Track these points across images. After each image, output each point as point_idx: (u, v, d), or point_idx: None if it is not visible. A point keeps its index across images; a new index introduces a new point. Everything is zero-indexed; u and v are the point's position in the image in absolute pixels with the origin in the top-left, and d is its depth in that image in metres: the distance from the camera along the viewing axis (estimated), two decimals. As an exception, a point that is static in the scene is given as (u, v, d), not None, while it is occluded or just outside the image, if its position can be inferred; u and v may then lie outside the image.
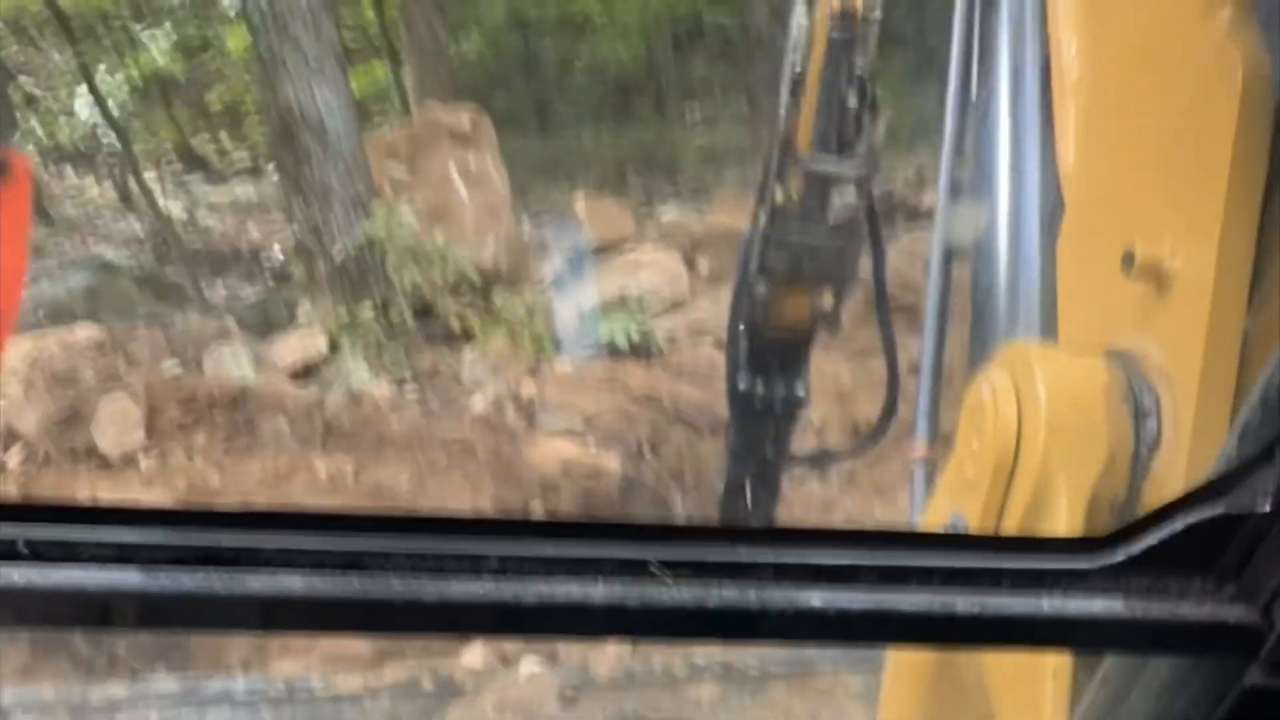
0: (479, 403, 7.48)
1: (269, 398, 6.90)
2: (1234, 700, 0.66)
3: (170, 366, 7.08)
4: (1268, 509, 0.63)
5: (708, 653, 5.27)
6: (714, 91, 14.71)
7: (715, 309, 8.92)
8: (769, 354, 2.69)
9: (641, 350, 7.95)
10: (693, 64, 15.06)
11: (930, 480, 1.86)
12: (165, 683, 5.36)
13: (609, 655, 5.40)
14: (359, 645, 5.37)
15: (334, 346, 7.79)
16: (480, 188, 8.88)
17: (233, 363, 7.13)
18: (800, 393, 2.76)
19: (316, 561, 0.58)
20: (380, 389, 7.44)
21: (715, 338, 8.42)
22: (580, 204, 10.00)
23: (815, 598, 0.61)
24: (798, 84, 2.34)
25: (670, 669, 5.36)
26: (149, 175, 12.30)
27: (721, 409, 8.25)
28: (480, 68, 14.46)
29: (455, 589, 0.58)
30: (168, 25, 13.38)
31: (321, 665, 5.42)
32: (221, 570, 0.57)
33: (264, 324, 8.69)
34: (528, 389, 7.57)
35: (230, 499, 6.08)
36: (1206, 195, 0.99)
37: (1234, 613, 0.63)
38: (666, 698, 5.32)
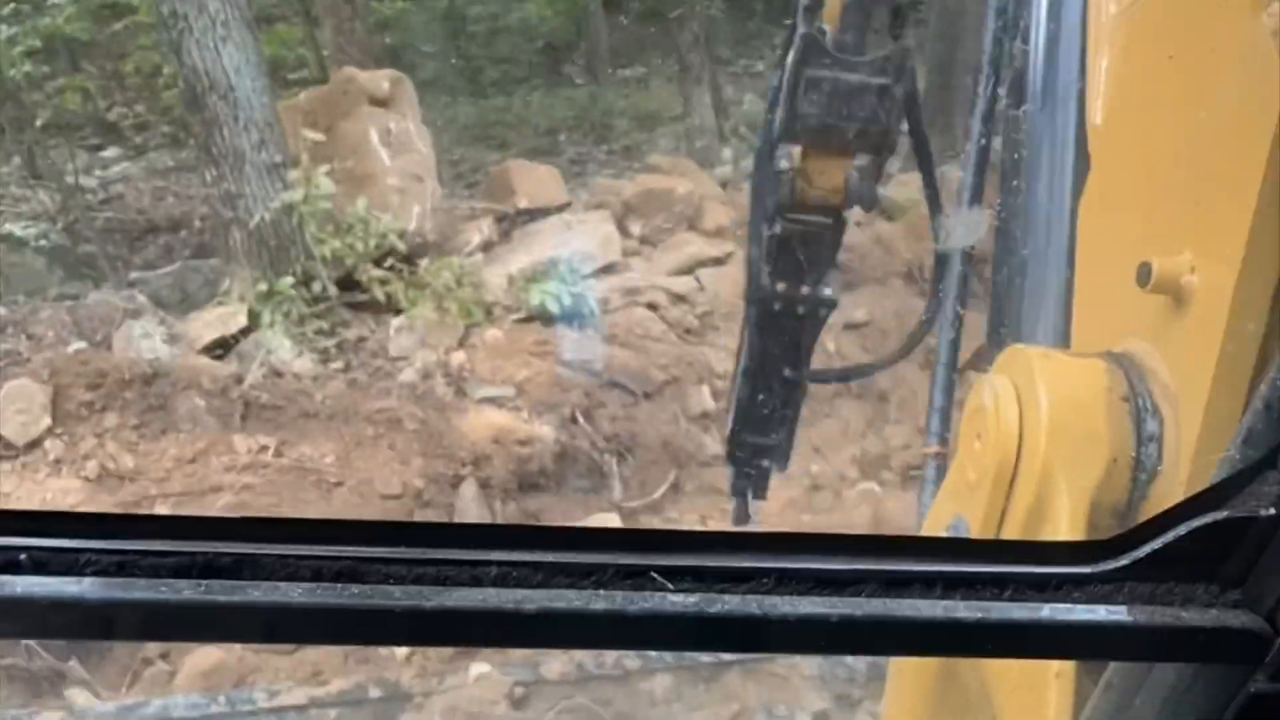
0: (407, 373, 7.29)
1: (184, 375, 6.63)
2: (1239, 706, 0.66)
3: (78, 346, 6.77)
4: (1272, 514, 0.62)
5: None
6: (645, 52, 14.49)
7: (648, 271, 8.80)
8: (795, 241, 2.42)
9: (573, 315, 7.81)
10: (623, 24, 14.81)
11: (940, 478, 1.85)
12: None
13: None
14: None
15: (254, 320, 7.52)
16: (402, 153, 8.61)
17: (144, 340, 6.83)
18: (828, 291, 2.50)
19: (317, 571, 0.59)
20: (303, 363, 7.21)
21: (648, 300, 8.31)
22: (510, 169, 9.77)
23: (818, 605, 0.61)
24: None
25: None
26: (58, 146, 11.78)
27: (654, 373, 8.12)
28: (402, 29, 14.06)
29: (456, 597, 0.59)
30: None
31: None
32: (222, 580, 0.58)
33: (179, 299, 8.37)
34: (457, 358, 7.39)
35: (144, 482, 5.84)
36: (1233, 209, 0.96)
37: (1238, 619, 0.64)
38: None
